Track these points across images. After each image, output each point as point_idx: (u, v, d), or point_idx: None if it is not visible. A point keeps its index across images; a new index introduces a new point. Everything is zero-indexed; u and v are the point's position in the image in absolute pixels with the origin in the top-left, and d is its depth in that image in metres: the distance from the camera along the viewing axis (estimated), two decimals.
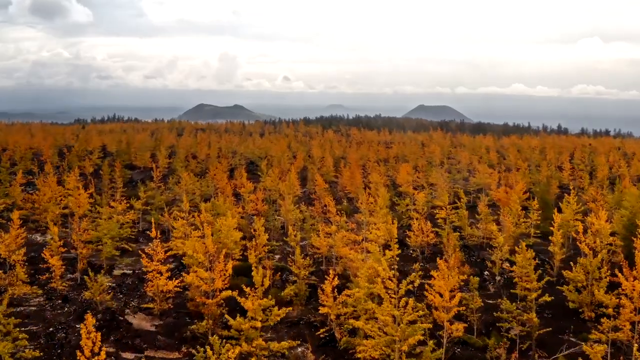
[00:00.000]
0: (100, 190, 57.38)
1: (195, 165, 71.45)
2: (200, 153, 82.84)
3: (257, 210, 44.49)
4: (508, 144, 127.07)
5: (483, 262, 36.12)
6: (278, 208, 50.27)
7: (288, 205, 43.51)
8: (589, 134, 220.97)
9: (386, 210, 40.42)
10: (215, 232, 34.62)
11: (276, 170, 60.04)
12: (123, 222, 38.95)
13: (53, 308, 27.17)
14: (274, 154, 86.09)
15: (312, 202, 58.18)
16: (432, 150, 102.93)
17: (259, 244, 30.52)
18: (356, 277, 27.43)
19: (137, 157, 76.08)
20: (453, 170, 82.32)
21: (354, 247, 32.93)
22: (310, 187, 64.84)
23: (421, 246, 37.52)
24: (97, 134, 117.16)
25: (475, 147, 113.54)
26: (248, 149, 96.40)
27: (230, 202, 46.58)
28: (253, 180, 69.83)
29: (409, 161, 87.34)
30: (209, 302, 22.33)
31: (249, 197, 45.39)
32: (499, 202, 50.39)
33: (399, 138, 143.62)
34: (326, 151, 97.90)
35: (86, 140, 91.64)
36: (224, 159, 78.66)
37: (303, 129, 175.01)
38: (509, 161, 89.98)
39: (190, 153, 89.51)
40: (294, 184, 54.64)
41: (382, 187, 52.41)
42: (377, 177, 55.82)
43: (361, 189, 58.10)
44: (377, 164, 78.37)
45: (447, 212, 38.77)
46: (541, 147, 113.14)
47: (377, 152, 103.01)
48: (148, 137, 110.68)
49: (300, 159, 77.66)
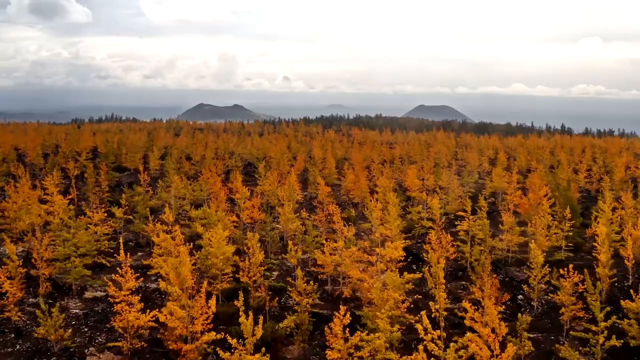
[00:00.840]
0: (84, 195, 52.51)
1: (189, 167, 66.52)
2: (195, 154, 77.85)
3: (253, 219, 39.57)
4: (514, 144, 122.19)
5: (512, 281, 31.24)
6: (277, 215, 45.38)
7: (288, 213, 38.60)
8: (593, 134, 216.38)
9: (399, 220, 35.50)
10: (204, 245, 29.81)
11: (275, 173, 55.14)
12: (101, 234, 34.11)
13: (3, 345, 22.27)
14: (273, 154, 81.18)
15: (314, 207, 53.30)
16: (437, 151, 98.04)
17: (254, 264, 25.61)
18: (371, 305, 22.60)
19: (127, 159, 71.08)
20: (463, 172, 77.45)
21: (365, 267, 28.07)
22: (312, 190, 59.95)
23: None
24: (90, 134, 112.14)
25: (482, 148, 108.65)
26: (246, 150, 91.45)
27: (223, 210, 41.72)
28: (250, 184, 65.09)
29: (416, 162, 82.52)
30: (186, 349, 17.42)
31: (245, 204, 40.50)
32: (519, 209, 45.49)
33: (402, 138, 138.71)
34: (327, 152, 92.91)
35: (75, 140, 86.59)
36: (220, 160, 73.73)
37: (303, 128, 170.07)
38: (520, 162, 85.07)
39: (185, 154, 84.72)
40: (294, 189, 49.76)
41: (391, 193, 47.51)
42: (385, 180, 50.93)
43: (367, 193, 53.24)
44: (382, 166, 73.44)
45: (469, 223, 33.75)
46: (550, 148, 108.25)
47: (380, 152, 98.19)
48: (141, 137, 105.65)
49: (301, 160, 72.76)
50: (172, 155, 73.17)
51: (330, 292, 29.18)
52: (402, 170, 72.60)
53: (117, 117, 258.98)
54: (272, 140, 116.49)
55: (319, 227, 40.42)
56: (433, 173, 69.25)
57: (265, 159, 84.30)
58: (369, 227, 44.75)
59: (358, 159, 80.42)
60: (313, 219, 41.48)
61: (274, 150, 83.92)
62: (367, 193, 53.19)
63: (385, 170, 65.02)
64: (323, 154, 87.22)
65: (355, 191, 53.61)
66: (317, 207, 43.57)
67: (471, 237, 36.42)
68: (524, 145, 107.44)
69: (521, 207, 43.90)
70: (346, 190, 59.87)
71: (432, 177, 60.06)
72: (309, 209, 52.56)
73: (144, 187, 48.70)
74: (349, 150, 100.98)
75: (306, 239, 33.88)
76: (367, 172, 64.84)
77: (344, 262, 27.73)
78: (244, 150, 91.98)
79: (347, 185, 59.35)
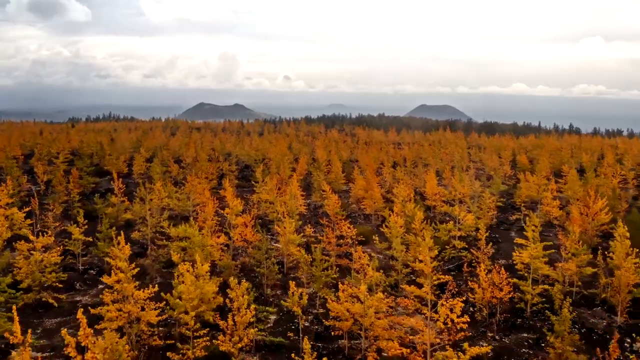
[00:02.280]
0: (48, 206, 44.19)
1: (177, 171, 58.31)
2: (187, 156, 69.65)
3: (246, 240, 31.39)
4: (528, 144, 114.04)
5: (592, 334, 23.03)
6: (275, 233, 37.22)
7: (289, 232, 30.44)
8: (601, 133, 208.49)
9: (435, 248, 27.31)
10: (175, 286, 21.67)
11: (274, 178, 46.97)
12: (48, 264, 26.06)
13: None
14: (272, 156, 73.06)
15: (320, 220, 45.15)
16: (449, 152, 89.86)
17: (239, 323, 17.48)
18: None
19: (109, 161, 62.85)
20: (482, 176, 69.29)
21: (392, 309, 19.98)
22: (317, 199, 51.76)
23: (490, 303, 24.40)
24: (77, 134, 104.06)
25: (496, 149, 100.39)
26: (243, 151, 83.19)
27: (210, 227, 33.59)
28: (247, 190, 56.92)
29: (429, 165, 74.36)
30: None
31: (236, 220, 32.35)
32: (570, 224, 37.24)
33: (408, 138, 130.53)
34: (332, 153, 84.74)
35: (51, 140, 78.02)
36: (215, 163, 65.51)
37: (305, 128, 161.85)
38: (543, 165, 76.69)
39: (178, 155, 76.60)
40: (296, 199, 41.65)
41: (412, 205, 39.36)
42: (404, 189, 42.70)
43: (382, 203, 45.08)
44: (393, 169, 65.23)
45: (531, 252, 25.45)
46: (568, 149, 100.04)
47: (387, 153, 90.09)
48: (130, 137, 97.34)
49: (304, 163, 64.60)
50: (159, 157, 64.96)
51: (349, 354, 21.00)
52: (415, 173, 64.47)
53: (115, 116, 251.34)
54: (273, 140, 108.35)
55: (328, 251, 32.26)
56: (452, 178, 61.13)
57: (265, 161, 76.21)
58: (386, 249, 36.68)
59: (366, 161, 72.22)
60: (320, 239, 33.36)
61: (274, 152, 75.81)
62: (381, 203, 45.01)
63: (401, 175, 56.86)
64: (327, 155, 79.12)
65: (367, 201, 45.38)
66: (326, 224, 35.37)
67: (512, 265, 28.36)
68: (543, 146, 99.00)
69: (573, 223, 35.65)
70: (356, 198, 51.74)
71: (457, 183, 51.96)
72: (314, 222, 44.39)
73: (119, 197, 40.51)
74: (355, 151, 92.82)
75: (313, 272, 25.68)
76: (379, 177, 56.66)
77: (367, 314, 19.57)
78: (241, 152, 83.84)
79: (356, 193, 51.23)
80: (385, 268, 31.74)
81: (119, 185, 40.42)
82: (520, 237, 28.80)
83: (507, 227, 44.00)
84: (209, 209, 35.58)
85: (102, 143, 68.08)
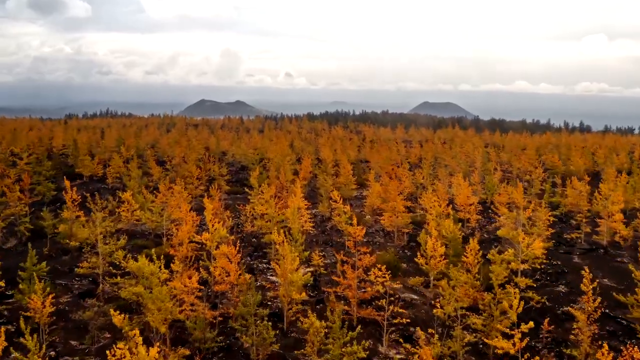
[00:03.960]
0: None
1: (159, 175, 48.79)
2: (176, 155, 60.07)
3: (231, 282, 21.90)
4: (547, 142, 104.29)
5: None
6: (271, 259, 27.78)
7: (290, 272, 21.04)
8: (612, 131, 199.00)
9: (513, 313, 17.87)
10: None
11: (273, 186, 37.50)
12: None
13: None
14: (272, 155, 63.57)
15: (329, 239, 35.73)
16: (467, 151, 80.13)
17: None
18: None
19: (82, 163, 53.25)
20: (511, 181, 59.78)
21: None
22: (324, 209, 42.27)
23: None
24: (61, 131, 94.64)
25: (513, 147, 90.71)
26: (240, 150, 73.67)
27: (182, 257, 24.29)
28: (240, 198, 47.25)
29: (448, 166, 64.81)
30: None
31: (218, 250, 22.90)
32: None
33: (417, 135, 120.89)
34: (338, 152, 75.27)
35: (14, 138, 68.09)
36: (205, 164, 55.96)
37: (307, 125, 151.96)
38: (576, 166, 67.13)
39: (167, 155, 67.09)
40: (300, 213, 32.29)
41: (449, 222, 29.92)
42: (436, 199, 33.15)
43: (407, 219, 35.62)
44: (410, 172, 55.69)
45: None
46: (594, 148, 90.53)
47: (398, 152, 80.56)
48: (121, 134, 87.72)
49: (308, 164, 55.08)
50: (148, 158, 55.49)
51: None
52: (438, 176, 54.97)
53: (112, 113, 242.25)
54: (273, 137, 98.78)
55: (345, 297, 22.82)
56: (484, 184, 51.70)
57: (263, 162, 66.75)
58: (423, 285, 27.37)
59: (378, 161, 62.82)
60: (333, 273, 23.93)
61: (274, 151, 66.28)
62: (407, 218, 35.50)
63: (421, 178, 47.39)
64: (333, 155, 69.65)
65: (388, 215, 35.76)
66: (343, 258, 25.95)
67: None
68: (569, 145, 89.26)
69: None
70: (371, 208, 42.27)
71: (515, 192, 42.60)
72: (322, 242, 34.94)
73: (71, 210, 31.10)
74: (363, 150, 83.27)
75: (330, 350, 16.19)
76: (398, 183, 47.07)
77: None
78: (237, 150, 74.37)
79: (372, 202, 41.77)
80: (427, 321, 22.34)
81: (72, 196, 31.00)
82: (590, 263, 19.33)
83: (567, 250, 34.44)
84: (183, 231, 26.17)
85: (77, 141, 58.57)
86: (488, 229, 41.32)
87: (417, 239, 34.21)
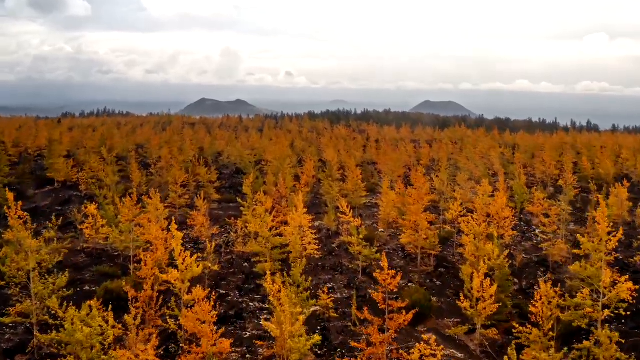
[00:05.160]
0: None
1: (139, 181, 41.96)
2: (162, 158, 53.27)
3: (202, 355, 15.09)
4: (561, 142, 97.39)
5: None
6: (266, 293, 21.04)
7: (288, 331, 14.30)
8: (620, 131, 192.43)
9: None
10: None
11: (269, 197, 30.77)
12: None
13: None
14: (271, 157, 56.79)
15: (337, 264, 29.09)
16: (483, 153, 73.32)
17: None
18: None
19: (53, 166, 46.40)
20: (538, 186, 53.15)
21: None
22: (330, 223, 35.50)
23: None
24: (44, 131, 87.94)
25: (530, 148, 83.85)
26: (235, 150, 66.90)
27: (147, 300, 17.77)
28: (233, 208, 40.13)
29: (464, 169, 58.03)
30: None
31: (191, 295, 16.18)
32: None
33: (425, 135, 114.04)
34: (342, 153, 68.54)
35: None
36: (196, 167, 49.14)
37: (308, 124, 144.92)
38: (605, 170, 60.31)
39: (154, 158, 60.30)
40: (303, 232, 25.61)
41: (493, 246, 23.21)
42: (473, 223, 26.40)
43: (434, 239, 28.93)
44: (428, 177, 48.90)
45: None
46: (615, 149, 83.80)
47: (407, 153, 73.81)
48: (98, 134, 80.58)
49: (310, 168, 48.32)
50: (130, 160, 48.71)
51: None
52: (453, 180, 48.22)
53: (110, 111, 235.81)
54: (273, 137, 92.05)
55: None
56: (512, 191, 44.99)
57: (261, 164, 60.05)
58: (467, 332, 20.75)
59: (388, 163, 56.05)
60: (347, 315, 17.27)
61: (274, 151, 59.39)
62: (435, 239, 28.75)
63: (441, 184, 40.59)
64: (337, 156, 62.93)
65: (409, 233, 28.94)
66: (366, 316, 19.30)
67: None
68: (590, 145, 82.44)
69: None
70: (386, 222, 35.52)
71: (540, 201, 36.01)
72: (329, 269, 28.20)
73: (15, 230, 24.34)
74: (370, 151, 76.49)
75: None
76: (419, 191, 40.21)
77: None
78: (233, 151, 67.60)
79: (387, 215, 34.99)
80: None
81: (16, 212, 24.24)
82: None
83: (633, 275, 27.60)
84: (150, 262, 19.48)
85: (52, 140, 51.84)
86: (525, 247, 34.64)
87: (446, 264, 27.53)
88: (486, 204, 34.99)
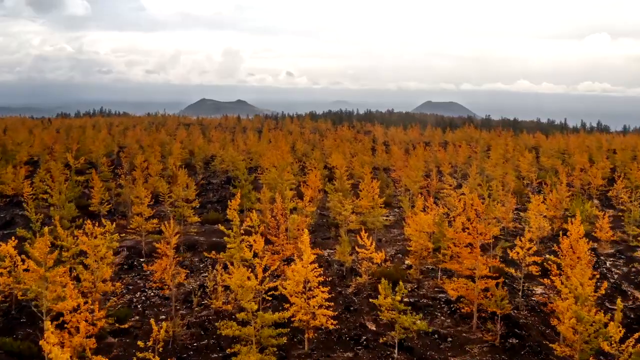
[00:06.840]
0: None
1: (99, 198, 32.94)
2: (137, 166, 44.26)
3: None
4: (576, 144, 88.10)
5: None
6: None
7: None
8: (632, 131, 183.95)
9: None
10: None
11: (264, 221, 21.88)
12: None
13: None
14: (268, 164, 47.82)
15: (359, 331, 20.13)
16: (500, 155, 64.32)
17: None
18: None
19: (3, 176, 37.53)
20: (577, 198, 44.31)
21: None
22: (344, 256, 26.49)
23: None
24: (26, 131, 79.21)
25: (554, 151, 74.91)
26: (228, 155, 57.90)
27: None
28: (218, 234, 30.26)
29: (490, 177, 49.16)
30: None
31: None
32: None
33: (436, 137, 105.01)
34: (348, 156, 59.71)
35: None
36: (176, 177, 40.12)
37: (310, 124, 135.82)
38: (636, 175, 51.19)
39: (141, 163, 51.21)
40: (309, 288, 16.76)
41: (605, 320, 14.33)
42: (578, 277, 17.62)
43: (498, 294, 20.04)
44: (453, 189, 40.03)
45: None
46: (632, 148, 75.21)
47: (424, 157, 64.82)
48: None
49: (315, 181, 39.36)
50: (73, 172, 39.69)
51: None
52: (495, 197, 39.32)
53: (106, 111, 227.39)
54: (272, 138, 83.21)
55: None
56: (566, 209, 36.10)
57: (257, 172, 51.06)
58: None
59: (409, 173, 47.12)
60: None
61: (272, 156, 50.43)
62: (503, 294, 19.80)
63: (490, 207, 31.52)
64: (345, 162, 53.99)
65: (462, 284, 20.02)
66: None
67: None
68: (621, 148, 73.32)
69: None
70: (419, 257, 26.60)
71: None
72: (349, 340, 19.19)
73: None
74: (381, 155, 67.39)
75: None
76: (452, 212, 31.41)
77: None
78: (226, 155, 58.60)
79: (419, 247, 26.10)
80: None
81: None
82: None
83: None
84: None
85: (6, 144, 42.98)
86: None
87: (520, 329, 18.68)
88: (535, 227, 26.13)
